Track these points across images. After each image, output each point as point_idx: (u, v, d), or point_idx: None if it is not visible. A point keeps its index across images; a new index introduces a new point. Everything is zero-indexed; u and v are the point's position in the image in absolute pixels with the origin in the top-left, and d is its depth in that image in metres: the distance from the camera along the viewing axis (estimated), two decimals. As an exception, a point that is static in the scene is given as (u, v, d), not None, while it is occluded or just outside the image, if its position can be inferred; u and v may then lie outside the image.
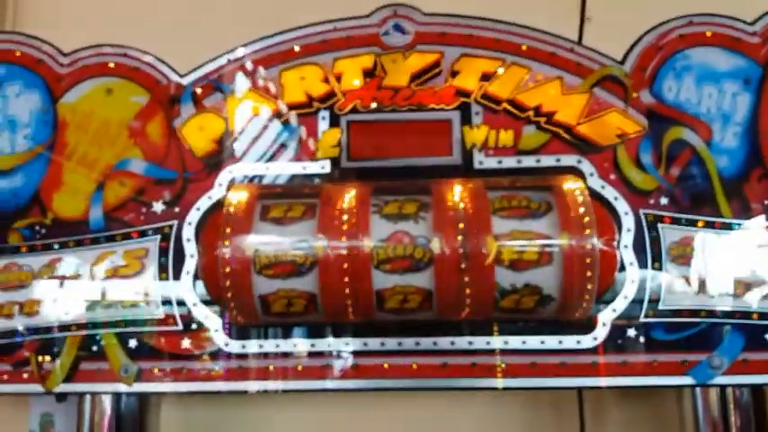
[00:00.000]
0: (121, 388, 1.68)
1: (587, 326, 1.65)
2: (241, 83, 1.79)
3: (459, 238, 1.58)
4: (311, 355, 1.68)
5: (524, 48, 1.76)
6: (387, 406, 1.97)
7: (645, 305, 1.65)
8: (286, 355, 1.68)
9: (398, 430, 1.98)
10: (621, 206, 1.68)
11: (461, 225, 1.59)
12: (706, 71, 1.73)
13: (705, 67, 1.73)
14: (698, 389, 1.68)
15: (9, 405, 2.03)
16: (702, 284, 1.65)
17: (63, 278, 1.72)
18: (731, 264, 1.66)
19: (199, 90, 1.79)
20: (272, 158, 1.77)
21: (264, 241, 1.62)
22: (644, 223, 1.67)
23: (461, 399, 1.96)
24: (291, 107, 1.77)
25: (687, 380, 1.62)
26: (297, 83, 1.77)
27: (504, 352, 1.65)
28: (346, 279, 1.59)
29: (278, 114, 1.76)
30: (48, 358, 1.70)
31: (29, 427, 2.01)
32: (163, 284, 1.71)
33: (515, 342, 1.66)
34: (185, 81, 1.80)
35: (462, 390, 1.69)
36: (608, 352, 1.64)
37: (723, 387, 1.66)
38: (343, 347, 1.67)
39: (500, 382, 1.65)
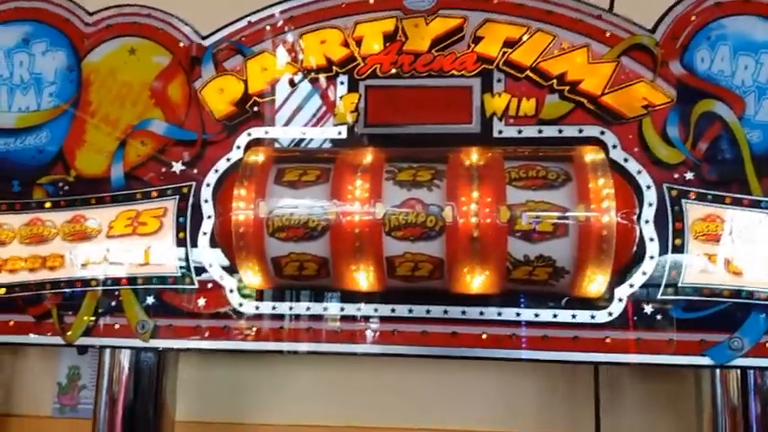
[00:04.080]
0: (138, 343, 1.72)
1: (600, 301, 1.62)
2: (261, 46, 1.78)
3: (473, 206, 1.55)
4: (324, 318, 1.69)
5: (550, 14, 1.70)
6: (399, 371, 1.98)
7: (664, 282, 1.60)
8: (299, 317, 1.70)
9: (410, 396, 1.99)
10: (644, 180, 1.63)
11: (475, 194, 1.56)
12: (743, 41, 1.65)
13: (742, 37, 1.65)
14: (717, 371, 1.63)
15: (40, 357, 2.11)
16: (726, 263, 1.60)
17: (84, 234, 1.76)
18: (757, 243, 1.60)
19: (219, 52, 1.79)
20: (290, 122, 1.77)
21: (278, 204, 1.63)
22: (667, 198, 1.62)
23: (475, 368, 1.95)
24: (311, 71, 1.76)
25: (705, 360, 1.58)
26: (317, 46, 1.75)
27: (515, 324, 1.63)
28: (357, 244, 1.58)
29: (291, 82, 1.76)
30: (69, 312, 1.75)
31: (57, 380, 2.09)
32: (180, 244, 1.73)
33: (527, 314, 1.64)
34: (207, 42, 1.81)
35: (471, 359, 1.68)
36: (623, 328, 1.61)
37: (745, 370, 1.61)
38: (355, 312, 1.67)
39: (510, 354, 1.64)
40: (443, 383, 1.99)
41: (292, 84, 1.76)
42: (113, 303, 1.74)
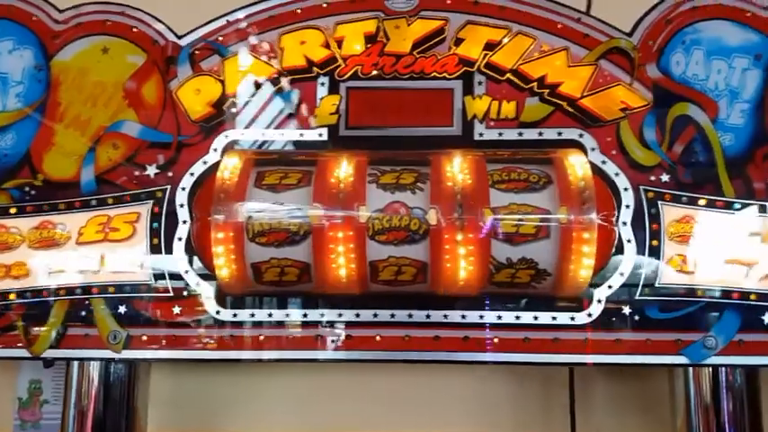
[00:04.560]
0: (110, 354, 1.66)
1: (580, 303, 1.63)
2: (239, 45, 1.74)
3: (456, 209, 1.55)
4: (303, 325, 1.66)
5: (531, 17, 1.72)
6: (377, 377, 1.96)
7: (641, 283, 1.63)
8: (278, 324, 1.66)
9: (388, 401, 1.97)
10: (622, 182, 1.65)
11: (459, 197, 1.56)
12: (716, 45, 1.69)
13: (715, 42, 1.69)
14: (690, 371, 1.66)
15: (-3, 371, 2.01)
16: (700, 263, 1.63)
17: (52, 241, 1.69)
18: (730, 243, 1.63)
19: (196, 52, 1.75)
20: (269, 124, 1.73)
21: (258, 208, 1.59)
22: (644, 200, 1.65)
23: (452, 371, 1.95)
24: (291, 72, 1.73)
25: (681, 359, 1.61)
26: (296, 47, 1.73)
27: (496, 326, 1.64)
28: (340, 249, 1.56)
29: (274, 81, 1.73)
30: (35, 323, 1.67)
31: (17, 394, 2.00)
32: (154, 250, 1.68)
33: (509, 317, 1.64)
34: (183, 42, 1.76)
35: (453, 363, 1.67)
36: (602, 329, 1.63)
37: (716, 368, 1.64)
38: (336, 318, 1.65)
39: (492, 357, 1.64)
40: (419, 388, 1.97)
41: (259, 86, 1.72)
42: (83, 313, 1.67)
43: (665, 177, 1.66)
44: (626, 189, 1.65)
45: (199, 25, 1.76)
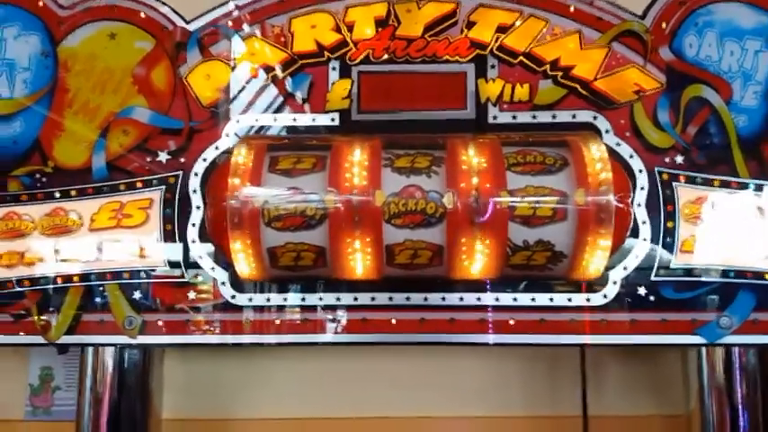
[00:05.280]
0: (125, 340, 1.65)
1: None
2: (249, 30, 1.73)
3: (473, 193, 1.54)
4: (319, 308, 1.65)
5: (542, 0, 1.70)
6: (391, 359, 1.96)
7: (656, 264, 1.63)
8: (293, 308, 1.66)
9: (400, 384, 1.97)
10: (636, 164, 1.66)
11: (475, 180, 1.56)
12: (729, 28, 1.69)
13: (728, 24, 1.69)
14: (703, 351, 1.67)
15: (9, 358, 2.00)
16: (715, 244, 1.63)
17: (65, 228, 1.68)
18: (745, 224, 1.64)
19: (205, 36, 1.73)
20: (279, 109, 1.72)
21: (273, 193, 1.58)
22: (658, 182, 1.65)
23: (463, 353, 1.95)
24: (301, 56, 1.71)
25: (696, 339, 1.62)
26: (307, 31, 1.71)
27: (512, 308, 1.64)
28: (357, 233, 1.55)
29: (270, 68, 1.71)
30: (49, 310, 1.66)
31: (28, 381, 1.99)
32: (167, 236, 1.67)
33: (524, 299, 1.64)
34: (191, 27, 1.74)
35: (468, 345, 1.67)
36: (617, 310, 1.63)
37: (729, 348, 1.65)
38: (351, 302, 1.65)
39: (507, 338, 1.64)
40: (430, 370, 1.97)
41: (270, 71, 1.71)
42: (98, 299, 1.66)
43: (679, 159, 1.66)
44: (641, 171, 1.65)
45: (207, 9, 1.74)
